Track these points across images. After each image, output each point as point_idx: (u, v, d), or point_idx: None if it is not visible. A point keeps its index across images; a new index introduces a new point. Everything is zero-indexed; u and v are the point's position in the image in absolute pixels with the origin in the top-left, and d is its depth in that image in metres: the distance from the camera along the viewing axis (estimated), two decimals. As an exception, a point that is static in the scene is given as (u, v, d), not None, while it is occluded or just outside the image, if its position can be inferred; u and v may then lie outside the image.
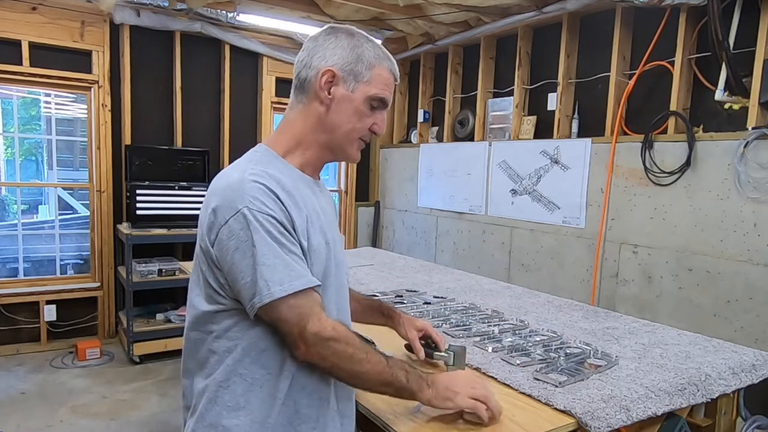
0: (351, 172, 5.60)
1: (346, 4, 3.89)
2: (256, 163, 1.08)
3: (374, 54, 1.12)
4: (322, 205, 1.17)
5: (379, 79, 1.12)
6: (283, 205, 1.02)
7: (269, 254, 0.98)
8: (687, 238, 3.02)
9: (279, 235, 1.00)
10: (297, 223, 1.04)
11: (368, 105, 1.12)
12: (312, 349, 0.99)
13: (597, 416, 1.21)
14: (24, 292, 4.05)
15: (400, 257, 3.41)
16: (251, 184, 1.01)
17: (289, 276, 0.98)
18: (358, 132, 1.14)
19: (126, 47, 4.19)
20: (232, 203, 1.00)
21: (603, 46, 3.50)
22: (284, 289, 0.98)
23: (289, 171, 1.12)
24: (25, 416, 3.15)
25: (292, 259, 1.00)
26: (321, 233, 1.10)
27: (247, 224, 0.98)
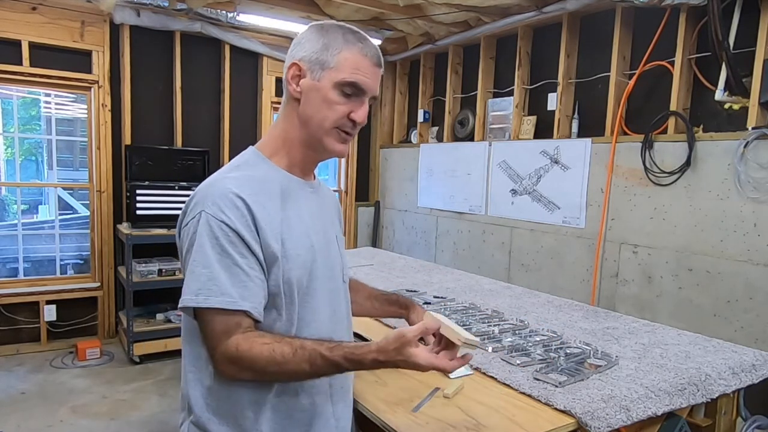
0: (351, 172, 5.60)
1: (346, 4, 3.89)
2: (237, 168, 1.08)
3: (343, 39, 1.06)
4: (311, 207, 1.14)
5: (348, 63, 1.05)
6: (248, 211, 0.99)
7: (200, 262, 0.97)
8: (687, 238, 3.02)
9: (227, 244, 0.97)
10: (265, 230, 1.00)
11: (339, 92, 1.05)
12: (220, 368, 0.98)
13: (597, 416, 1.21)
14: (24, 292, 4.04)
15: (400, 257, 3.41)
16: (218, 189, 1.01)
17: (209, 290, 0.95)
18: (330, 121, 1.06)
19: (126, 47, 4.19)
20: (195, 206, 1.01)
21: (603, 46, 3.50)
22: (196, 301, 0.96)
23: (274, 173, 1.09)
24: (25, 416, 3.15)
25: (228, 272, 0.96)
26: (304, 237, 1.08)
27: (199, 228, 0.98)
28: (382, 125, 5.60)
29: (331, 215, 1.24)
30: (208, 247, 0.97)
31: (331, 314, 1.14)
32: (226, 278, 0.96)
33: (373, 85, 1.08)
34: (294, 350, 0.95)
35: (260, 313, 0.99)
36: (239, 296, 0.96)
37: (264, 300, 1.01)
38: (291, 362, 0.95)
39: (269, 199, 1.04)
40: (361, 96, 1.07)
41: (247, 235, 0.98)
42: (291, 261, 1.03)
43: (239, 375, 0.99)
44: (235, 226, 0.98)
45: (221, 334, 0.96)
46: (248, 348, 0.95)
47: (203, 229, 0.98)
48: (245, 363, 0.95)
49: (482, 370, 1.47)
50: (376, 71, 1.08)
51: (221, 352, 0.96)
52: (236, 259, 0.97)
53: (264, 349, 0.95)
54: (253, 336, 0.97)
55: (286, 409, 1.06)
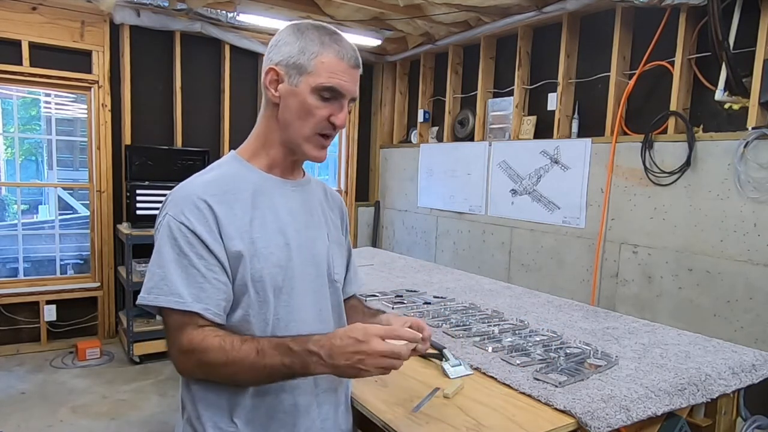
0: (351, 172, 5.60)
1: (346, 4, 3.89)
2: (211, 169, 1.12)
3: (319, 42, 1.04)
4: (291, 205, 1.12)
5: (324, 67, 1.04)
6: (211, 213, 1.01)
7: (155, 262, 1.00)
8: (687, 238, 3.02)
9: (185, 245, 0.99)
10: (229, 230, 1.01)
11: (317, 96, 1.05)
12: (177, 365, 1.00)
13: (597, 416, 1.21)
14: (24, 292, 4.05)
15: (400, 257, 3.41)
16: (182, 191, 1.04)
17: (159, 289, 0.97)
18: (310, 127, 1.07)
19: (126, 47, 4.19)
20: (163, 209, 1.05)
21: (603, 46, 3.50)
22: (147, 299, 0.98)
23: (248, 173, 1.10)
24: (25, 416, 3.15)
25: (184, 273, 0.98)
26: (277, 234, 1.07)
27: (161, 230, 1.01)
28: (382, 125, 5.60)
29: (322, 213, 1.21)
30: (167, 247, 0.99)
31: (316, 314, 1.13)
32: (180, 279, 0.98)
33: (352, 87, 1.08)
34: (243, 339, 0.97)
35: (216, 314, 0.99)
36: (192, 297, 0.97)
37: (225, 302, 1.01)
38: (238, 350, 0.95)
39: (237, 199, 1.05)
40: (340, 99, 1.07)
41: (207, 236, 0.99)
42: (262, 259, 1.03)
43: (193, 369, 1.00)
44: (194, 228, 0.99)
45: (174, 330, 0.98)
46: (200, 340, 0.96)
47: (164, 230, 1.00)
48: (196, 354, 0.96)
49: (482, 370, 1.47)
50: (354, 73, 1.07)
51: (176, 348, 0.98)
52: (193, 260, 0.98)
53: (215, 340, 0.96)
54: (208, 330, 0.98)
55: (267, 410, 1.06)
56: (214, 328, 0.99)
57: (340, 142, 5.62)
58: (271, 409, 1.06)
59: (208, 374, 1.01)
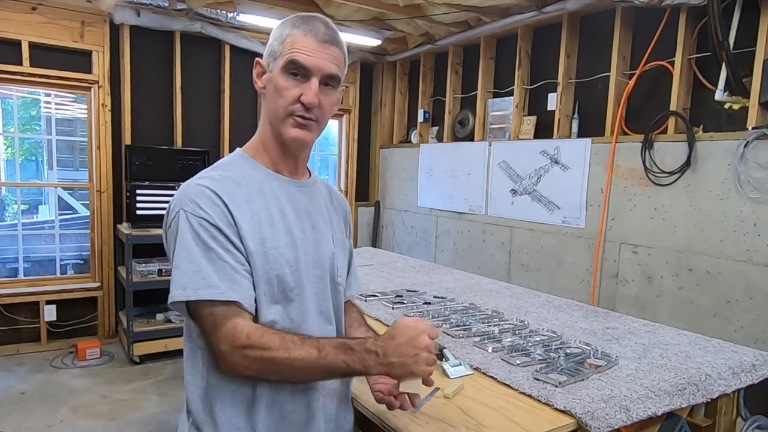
0: (351, 172, 5.60)
1: (346, 4, 3.89)
2: (217, 167, 1.10)
3: (291, 25, 1.05)
4: (297, 204, 1.12)
5: (289, 44, 1.04)
6: (226, 208, 1.00)
7: (184, 258, 0.97)
8: (687, 238, 3.02)
9: (209, 239, 0.98)
10: (244, 227, 1.01)
11: (286, 75, 1.04)
12: (229, 360, 0.96)
13: (597, 416, 1.21)
14: (24, 292, 4.04)
15: (400, 257, 3.41)
16: (195, 187, 1.02)
17: (197, 283, 0.95)
18: (283, 108, 1.05)
19: (126, 47, 4.19)
20: (175, 206, 1.02)
21: (603, 46, 3.50)
22: (185, 294, 0.95)
23: (254, 172, 1.10)
24: (25, 416, 3.15)
25: (214, 266, 0.97)
26: (286, 234, 1.06)
27: (180, 226, 0.99)
28: (382, 125, 5.60)
29: (327, 215, 1.20)
30: (191, 243, 0.97)
31: (317, 315, 1.12)
32: (212, 271, 0.96)
33: (318, 62, 1.03)
34: (302, 338, 0.97)
35: (251, 304, 0.99)
36: (228, 288, 0.96)
37: (253, 293, 1.01)
38: (300, 347, 0.95)
39: (246, 200, 1.04)
40: (308, 76, 1.04)
41: (227, 229, 0.99)
42: (272, 259, 1.03)
43: (249, 365, 0.97)
44: (215, 222, 0.98)
45: (223, 324, 0.96)
46: (260, 335, 0.95)
47: (184, 227, 0.98)
48: (256, 351, 0.95)
49: (482, 370, 1.47)
50: (322, 48, 1.04)
51: (229, 343, 0.95)
52: (220, 253, 0.97)
53: (274, 337, 0.96)
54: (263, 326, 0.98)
55: (280, 410, 1.05)
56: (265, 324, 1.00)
57: (340, 142, 5.62)
58: (285, 410, 1.06)
59: (264, 371, 0.98)
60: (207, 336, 0.99)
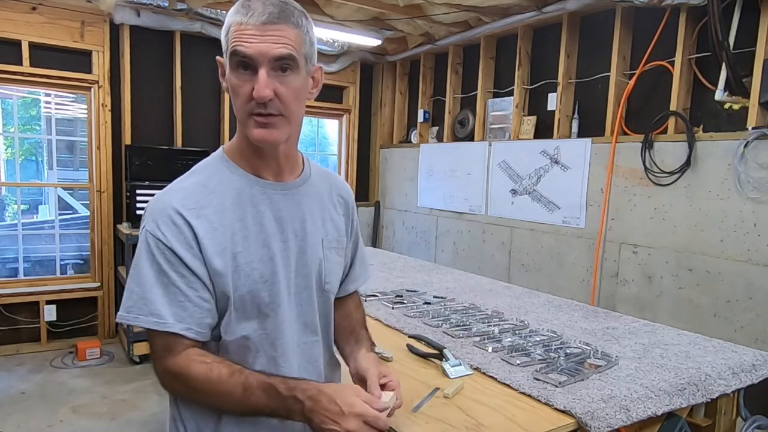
0: (351, 172, 5.60)
1: (346, 4, 3.89)
2: (195, 173, 1.05)
3: (233, 11, 0.95)
4: (280, 211, 1.05)
5: (232, 35, 0.93)
6: (188, 228, 0.95)
7: (134, 279, 0.96)
8: (687, 238, 3.02)
9: (163, 262, 0.94)
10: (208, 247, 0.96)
11: (236, 72, 0.94)
12: (163, 384, 0.98)
13: (597, 416, 1.21)
14: (24, 292, 4.04)
15: (400, 257, 3.41)
16: (161, 202, 0.98)
17: (139, 308, 0.94)
18: (242, 110, 0.97)
19: (126, 47, 4.19)
20: (142, 221, 1.00)
21: (603, 46, 3.50)
22: (126, 318, 0.94)
23: (235, 178, 1.03)
24: (25, 416, 3.15)
25: (164, 291, 0.94)
26: (262, 247, 1.01)
27: (139, 244, 0.97)
28: (382, 125, 5.60)
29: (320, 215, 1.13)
30: (145, 264, 0.95)
31: (301, 328, 1.08)
32: (160, 297, 0.94)
33: (261, 46, 0.91)
34: (231, 372, 0.93)
35: (198, 333, 0.96)
36: (173, 316, 0.93)
37: (209, 319, 0.98)
38: (225, 383, 0.92)
39: (219, 211, 0.98)
40: (255, 67, 0.93)
41: (185, 253, 0.94)
42: (243, 276, 0.98)
43: (177, 392, 0.99)
44: (171, 245, 0.94)
45: (162, 351, 0.95)
46: (185, 365, 0.93)
47: (142, 245, 0.96)
48: (181, 380, 0.94)
49: (482, 370, 1.47)
50: (265, 30, 0.91)
51: (161, 367, 0.96)
52: (173, 278, 0.94)
53: (201, 367, 0.93)
54: (193, 354, 0.95)
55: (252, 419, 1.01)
56: (202, 353, 0.96)
57: (340, 142, 5.62)
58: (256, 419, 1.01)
59: (191, 399, 1.00)
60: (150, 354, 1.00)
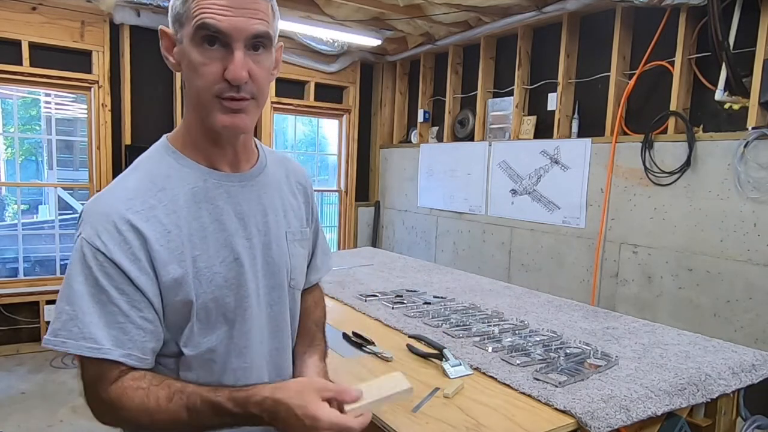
0: (351, 172, 5.60)
1: (346, 4, 3.89)
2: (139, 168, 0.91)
3: None
4: (239, 205, 0.94)
5: (196, 4, 0.81)
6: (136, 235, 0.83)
7: (64, 297, 0.82)
8: (687, 238, 3.02)
9: (102, 277, 0.81)
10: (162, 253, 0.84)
11: (199, 48, 0.82)
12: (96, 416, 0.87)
13: (597, 416, 1.21)
14: (24, 292, 4.04)
15: (400, 257, 3.41)
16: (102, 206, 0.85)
17: (68, 332, 0.80)
18: (205, 91, 0.84)
19: (126, 47, 4.19)
20: (78, 227, 0.86)
21: (603, 46, 3.50)
22: (53, 343, 0.81)
23: (186, 171, 0.90)
24: (25, 416, 3.14)
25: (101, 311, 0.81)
26: (224, 248, 0.91)
27: (73, 255, 0.83)
28: (382, 125, 5.60)
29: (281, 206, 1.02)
30: (78, 279, 0.81)
31: (273, 330, 1.00)
32: (96, 318, 0.81)
33: (238, 21, 0.81)
34: (170, 395, 0.81)
35: (140, 359, 0.84)
36: (111, 340, 0.81)
37: (153, 342, 0.85)
38: (165, 410, 0.81)
39: (171, 211, 0.86)
40: (229, 44, 0.82)
41: (129, 265, 0.82)
42: (205, 282, 0.88)
43: (115, 424, 0.88)
44: (113, 256, 0.81)
45: (94, 380, 0.83)
46: (118, 396, 0.82)
47: (76, 256, 0.82)
48: (117, 412, 0.83)
49: (482, 370, 1.47)
50: (241, 3, 0.81)
51: (92, 399, 0.85)
52: (112, 296, 0.81)
53: (137, 395, 0.82)
54: (128, 380, 0.83)
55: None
56: (136, 376, 0.84)
57: (340, 141, 5.62)
58: None
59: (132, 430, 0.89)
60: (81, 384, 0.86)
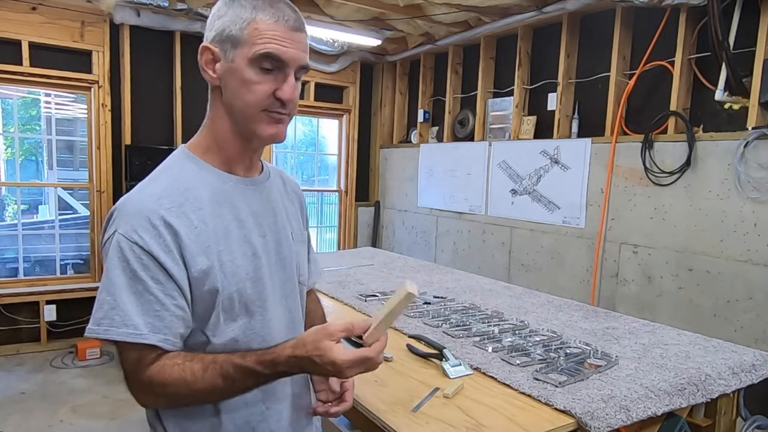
0: (351, 172, 5.60)
1: (346, 4, 3.89)
2: (162, 172, 0.99)
3: (251, 7, 0.92)
4: (253, 206, 1.03)
5: (258, 33, 0.91)
6: (168, 229, 0.90)
7: (105, 288, 0.89)
8: (687, 238, 3.02)
9: (139, 269, 0.88)
10: (191, 246, 0.91)
11: (256, 69, 0.92)
12: (140, 400, 0.92)
13: (597, 416, 1.21)
14: (24, 292, 4.04)
15: (400, 257, 3.41)
16: (134, 205, 0.91)
17: (111, 320, 0.87)
18: (254, 106, 0.94)
19: (126, 47, 4.19)
20: (111, 226, 0.92)
21: (603, 46, 3.50)
22: (96, 332, 0.88)
23: (204, 175, 0.99)
24: (25, 416, 3.15)
25: (138, 300, 0.88)
26: (244, 243, 0.99)
27: (110, 251, 0.89)
28: (382, 125, 5.60)
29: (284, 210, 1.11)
30: (117, 271, 0.88)
31: (290, 321, 1.07)
32: (134, 307, 0.88)
33: (295, 53, 0.94)
34: (205, 366, 0.89)
35: (174, 344, 0.91)
36: (149, 327, 0.88)
37: (184, 329, 0.92)
38: (202, 380, 0.88)
39: (197, 208, 0.94)
40: (284, 69, 0.93)
41: (164, 257, 0.89)
42: (229, 274, 0.95)
43: (153, 402, 0.94)
44: (149, 248, 0.88)
45: (134, 364, 0.89)
46: (158, 372, 0.88)
47: (114, 251, 0.89)
48: (157, 389, 0.89)
49: (482, 370, 1.47)
50: (296, 37, 0.94)
51: (135, 383, 0.90)
52: (149, 285, 0.88)
53: (174, 370, 0.88)
54: (165, 359, 0.90)
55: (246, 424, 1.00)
56: (171, 356, 0.90)
57: (340, 141, 5.62)
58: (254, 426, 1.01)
59: (173, 405, 0.95)
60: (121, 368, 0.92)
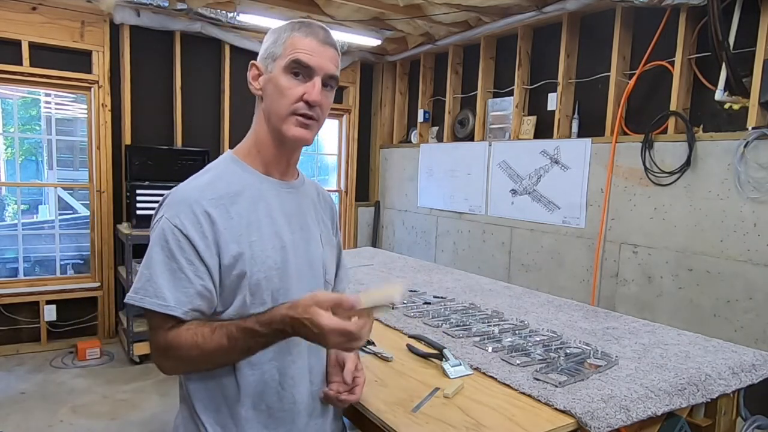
0: (351, 172, 5.60)
1: (346, 4, 3.89)
2: (208, 171, 1.12)
3: (290, 28, 1.08)
4: (287, 206, 1.13)
5: (290, 46, 1.06)
6: (207, 218, 1.01)
7: (145, 263, 1.01)
8: (687, 238, 3.02)
9: (176, 249, 0.99)
10: (225, 234, 1.02)
11: (288, 75, 1.07)
12: (158, 364, 1.03)
13: (597, 416, 1.21)
14: (24, 292, 4.04)
15: (400, 257, 3.40)
16: (179, 194, 1.04)
17: (146, 290, 0.98)
18: (285, 107, 1.07)
19: (126, 47, 4.19)
20: (158, 211, 1.05)
21: (603, 46, 3.50)
22: (133, 299, 0.99)
23: (244, 175, 1.11)
24: (25, 416, 3.15)
25: (171, 276, 0.98)
26: (274, 237, 1.08)
27: (155, 232, 1.02)
28: (382, 125, 5.60)
29: (315, 215, 1.22)
30: (157, 248, 1.00)
31: None
32: (166, 281, 0.98)
33: (320, 62, 1.06)
34: (213, 329, 0.98)
35: (194, 316, 1.00)
36: (175, 301, 0.98)
37: (207, 309, 1.02)
38: (210, 341, 0.97)
39: (234, 202, 1.05)
40: (312, 76, 1.06)
41: (200, 243, 1.00)
42: (259, 262, 1.04)
43: (172, 366, 1.04)
44: (188, 232, 0.99)
45: (157, 328, 1.00)
46: (174, 337, 0.98)
47: (158, 232, 1.01)
48: (172, 352, 0.99)
49: (482, 370, 1.47)
50: (323, 50, 1.07)
51: (155, 347, 1.02)
52: (182, 264, 0.99)
53: (188, 334, 0.98)
54: (180, 326, 0.99)
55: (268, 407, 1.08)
56: (185, 324, 1.00)
57: (340, 141, 5.62)
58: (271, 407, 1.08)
59: (188, 368, 1.05)
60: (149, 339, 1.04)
